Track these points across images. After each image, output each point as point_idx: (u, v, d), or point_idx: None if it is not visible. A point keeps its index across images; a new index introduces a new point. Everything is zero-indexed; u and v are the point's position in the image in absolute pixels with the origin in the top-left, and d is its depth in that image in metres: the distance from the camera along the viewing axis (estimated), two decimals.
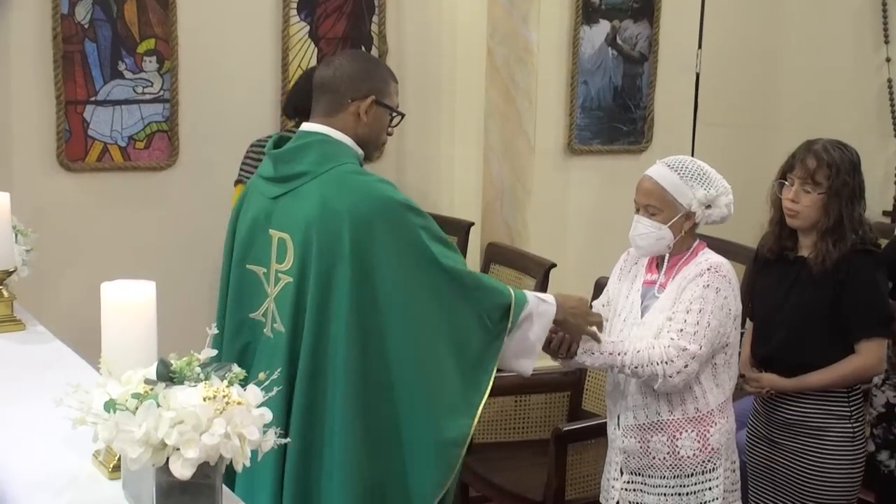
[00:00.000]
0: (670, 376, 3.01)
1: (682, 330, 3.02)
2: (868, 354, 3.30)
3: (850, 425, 3.34)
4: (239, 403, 1.92)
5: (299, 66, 5.17)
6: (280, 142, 2.86)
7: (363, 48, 5.31)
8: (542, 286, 4.61)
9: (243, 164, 4.47)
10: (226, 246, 2.96)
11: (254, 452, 1.97)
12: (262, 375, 2.06)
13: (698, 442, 3.10)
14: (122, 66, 4.90)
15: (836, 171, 3.27)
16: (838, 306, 3.29)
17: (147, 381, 1.97)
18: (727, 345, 3.10)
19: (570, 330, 2.94)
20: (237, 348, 2.84)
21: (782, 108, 6.28)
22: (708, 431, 3.10)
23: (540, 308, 2.84)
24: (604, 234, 5.86)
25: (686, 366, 3.00)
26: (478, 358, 2.74)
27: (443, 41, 5.52)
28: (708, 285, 3.05)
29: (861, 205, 3.32)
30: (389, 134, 2.89)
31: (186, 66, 4.99)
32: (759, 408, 3.51)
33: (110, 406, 1.95)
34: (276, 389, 2.03)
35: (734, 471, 3.20)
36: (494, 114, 5.57)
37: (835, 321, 3.30)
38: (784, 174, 3.36)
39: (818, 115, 6.05)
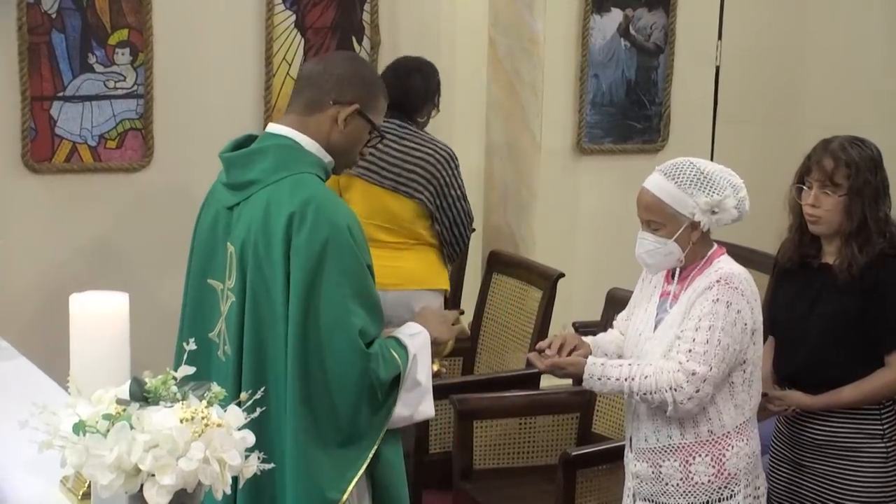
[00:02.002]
0: (681, 403, 3.02)
1: (691, 350, 3.03)
2: None
3: (882, 444, 3.33)
4: (219, 425, 1.93)
5: (284, 58, 5.18)
6: (246, 141, 2.82)
7: (353, 39, 5.32)
8: (550, 298, 4.61)
9: None
10: (189, 256, 2.95)
11: (235, 479, 1.97)
12: (243, 396, 2.06)
13: (713, 467, 3.10)
14: (92, 59, 4.90)
15: (855, 169, 3.27)
16: (867, 316, 3.30)
17: (119, 401, 1.97)
18: (745, 361, 3.10)
19: (444, 342, 2.91)
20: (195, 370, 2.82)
21: (808, 103, 6.28)
22: (724, 455, 3.10)
23: (414, 344, 2.79)
24: (616, 241, 5.86)
25: (697, 391, 3.02)
26: (363, 431, 2.69)
27: (441, 31, 5.53)
28: (718, 300, 3.05)
29: (886, 203, 3.33)
30: (362, 155, 2.87)
31: (162, 59, 5.00)
32: (784, 429, 3.50)
33: (79, 428, 1.95)
34: (258, 411, 2.04)
35: (757, 497, 3.20)
36: (497, 110, 5.58)
37: (864, 333, 3.31)
38: (801, 178, 3.37)
39: (846, 112, 6.06)
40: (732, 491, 3.12)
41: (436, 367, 2.89)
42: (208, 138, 4.96)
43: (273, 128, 2.80)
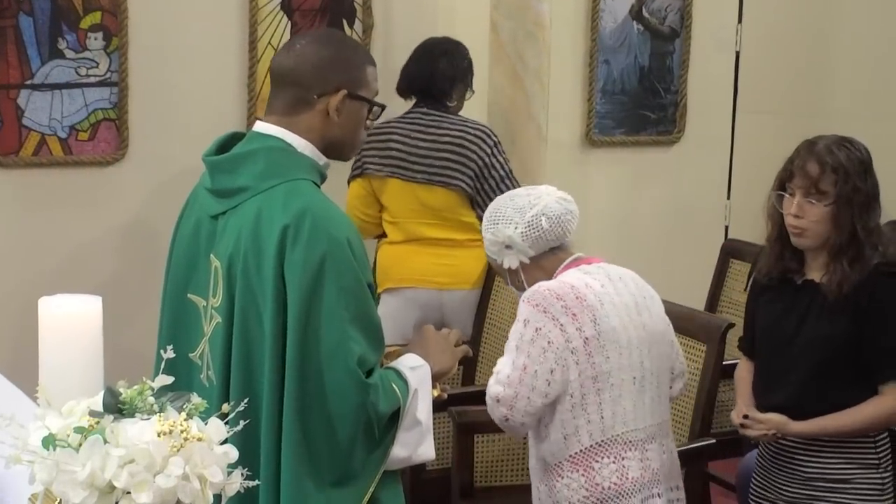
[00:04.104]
0: (502, 428, 3.18)
1: (497, 373, 3.18)
2: (894, 398, 3.20)
3: (878, 475, 3.28)
4: (199, 440, 1.93)
5: (269, 43, 5.18)
6: (231, 141, 2.76)
7: (344, 22, 5.33)
8: None
9: (361, 154, 4.66)
10: (166, 267, 2.90)
11: (216, 497, 1.98)
12: (225, 407, 2.06)
13: (550, 497, 3.19)
14: (62, 44, 4.91)
15: (844, 175, 3.16)
16: (862, 341, 3.19)
17: (92, 413, 1.98)
18: (570, 381, 3.11)
19: (447, 372, 2.90)
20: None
21: (834, 93, 6.29)
22: (554, 487, 3.18)
23: (415, 378, 2.75)
24: (629, 239, 5.88)
25: (505, 418, 3.14)
26: (358, 468, 2.66)
27: (438, 13, 5.54)
28: (518, 319, 3.17)
29: (877, 212, 3.22)
30: (368, 128, 2.80)
31: (137, 44, 5.00)
32: (765, 462, 3.42)
33: (49, 442, 1.95)
34: (241, 424, 2.04)
35: None
36: (499, 99, 5.58)
37: (859, 358, 3.21)
38: (782, 184, 3.26)
39: (874, 103, 6.07)
40: (656, 494, 3.16)
41: (436, 393, 2.85)
42: (187, 130, 4.98)
43: (262, 127, 2.73)
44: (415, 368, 2.75)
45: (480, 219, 4.63)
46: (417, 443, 2.73)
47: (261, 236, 2.60)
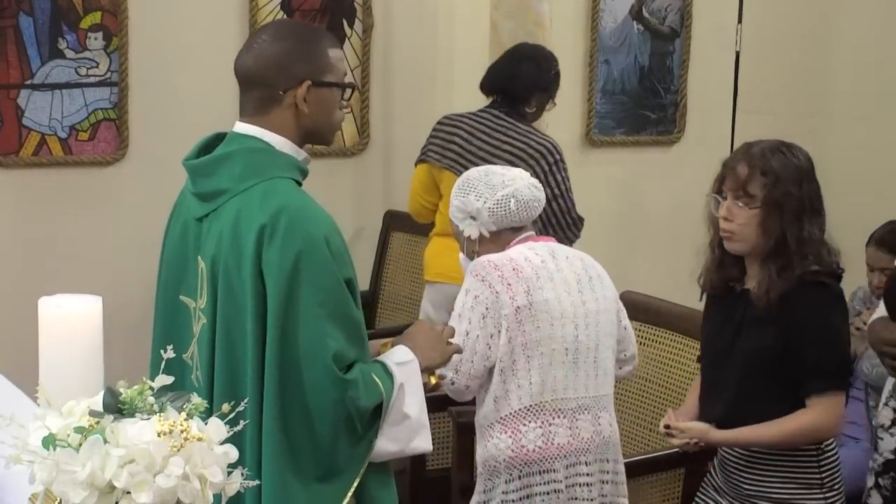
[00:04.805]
0: (448, 393, 3.33)
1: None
2: (819, 412, 3.10)
3: (821, 494, 3.17)
4: (199, 439, 1.93)
5: None
6: (215, 142, 2.77)
7: (344, 22, 5.33)
8: None
9: (428, 140, 4.73)
10: (158, 268, 2.92)
11: (216, 497, 1.98)
12: (225, 407, 2.06)
13: (481, 456, 3.34)
14: (62, 44, 4.91)
15: (773, 179, 3.09)
16: (787, 354, 3.11)
17: (92, 413, 1.98)
18: (500, 345, 3.25)
19: (435, 368, 2.93)
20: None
21: (835, 93, 6.29)
22: (485, 447, 3.32)
23: (402, 373, 2.74)
24: (629, 239, 5.88)
25: (451, 381, 3.30)
26: (343, 464, 2.66)
27: (438, 13, 5.54)
28: (462, 289, 3.34)
29: (816, 222, 3.13)
30: (343, 108, 2.78)
31: (138, 44, 5.00)
32: (711, 479, 3.36)
33: (49, 442, 1.95)
34: (242, 424, 2.04)
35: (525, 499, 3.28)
36: None
37: (786, 371, 3.13)
38: (718, 187, 3.21)
39: (874, 103, 6.07)
40: (494, 483, 3.29)
41: (433, 381, 2.90)
42: (187, 130, 4.95)
43: (240, 127, 2.74)
44: (402, 364, 2.75)
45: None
46: (409, 437, 2.73)
47: (240, 236, 2.62)
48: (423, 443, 2.76)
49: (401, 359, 2.76)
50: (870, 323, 3.51)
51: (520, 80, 4.69)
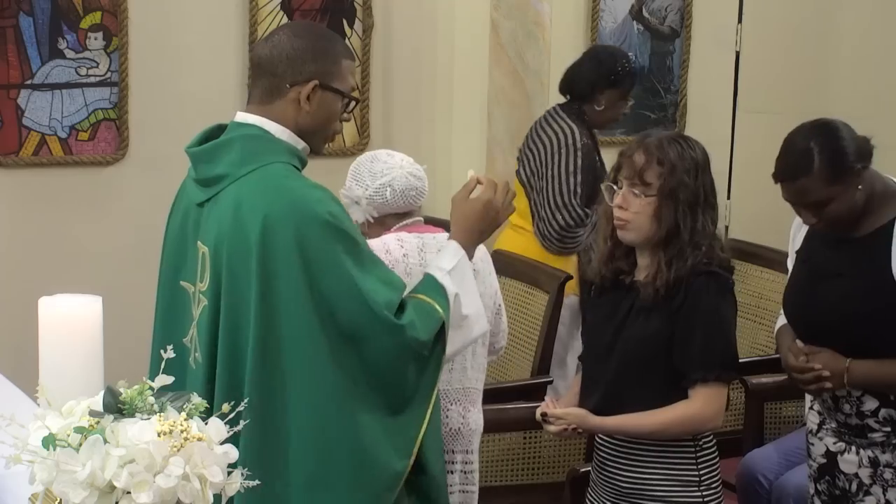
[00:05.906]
0: None
1: None
2: (701, 402, 3.07)
3: (699, 492, 3.14)
4: (199, 439, 1.93)
5: None
6: (217, 132, 2.82)
7: (344, 22, 5.33)
8: (557, 302, 4.62)
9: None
10: (160, 256, 2.97)
11: (217, 497, 1.98)
12: (225, 407, 2.07)
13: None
14: (62, 44, 4.91)
15: (669, 168, 3.09)
16: (672, 344, 3.09)
17: (92, 413, 1.98)
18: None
19: (493, 231, 2.98)
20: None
21: (835, 93, 6.29)
22: (446, 417, 3.34)
23: (453, 281, 2.81)
24: None
25: None
26: (412, 393, 2.74)
27: (438, 13, 5.54)
28: None
29: (708, 215, 3.12)
30: (345, 120, 2.84)
31: (138, 44, 5.01)
32: (594, 473, 3.31)
33: (49, 442, 1.95)
34: (242, 424, 2.04)
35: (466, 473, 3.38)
36: (499, 99, 5.58)
37: (668, 362, 3.10)
38: (614, 176, 3.19)
39: (874, 103, 6.07)
40: (451, 450, 3.38)
41: (471, 173, 2.94)
42: (187, 129, 4.92)
43: (240, 117, 2.80)
44: (451, 271, 2.82)
45: (532, 210, 4.82)
46: (470, 330, 2.84)
47: (241, 220, 2.66)
48: (482, 328, 2.90)
49: (448, 264, 2.83)
50: (776, 332, 3.49)
51: (577, 77, 4.84)
